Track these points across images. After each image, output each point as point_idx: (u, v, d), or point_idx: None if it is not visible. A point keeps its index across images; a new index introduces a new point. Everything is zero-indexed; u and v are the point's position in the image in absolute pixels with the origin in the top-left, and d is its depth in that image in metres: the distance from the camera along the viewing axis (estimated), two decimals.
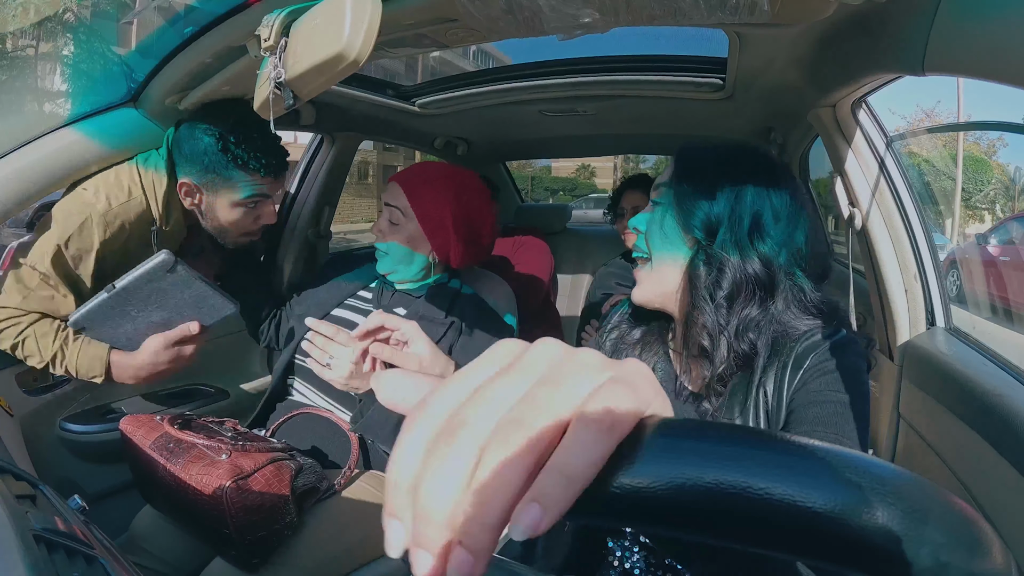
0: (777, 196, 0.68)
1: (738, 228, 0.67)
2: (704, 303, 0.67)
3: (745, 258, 0.66)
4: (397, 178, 1.15)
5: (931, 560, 0.17)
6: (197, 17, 0.84)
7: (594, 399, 0.19)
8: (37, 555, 0.36)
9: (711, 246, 0.67)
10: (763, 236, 0.67)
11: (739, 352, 0.66)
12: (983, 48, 0.55)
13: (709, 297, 0.67)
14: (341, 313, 1.18)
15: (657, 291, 0.72)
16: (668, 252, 0.70)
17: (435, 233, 1.12)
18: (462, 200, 1.13)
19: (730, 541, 0.19)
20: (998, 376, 0.84)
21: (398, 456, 0.20)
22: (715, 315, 0.67)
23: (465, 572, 0.18)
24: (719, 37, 1.00)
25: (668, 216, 0.71)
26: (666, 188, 0.72)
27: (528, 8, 0.69)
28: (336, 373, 0.95)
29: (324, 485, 0.97)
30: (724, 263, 0.66)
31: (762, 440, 0.20)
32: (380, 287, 1.21)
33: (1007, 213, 7.04)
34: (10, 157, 0.93)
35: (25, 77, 3.84)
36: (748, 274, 0.66)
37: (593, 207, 11.90)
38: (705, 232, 0.68)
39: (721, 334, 0.66)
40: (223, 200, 1.04)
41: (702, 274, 0.67)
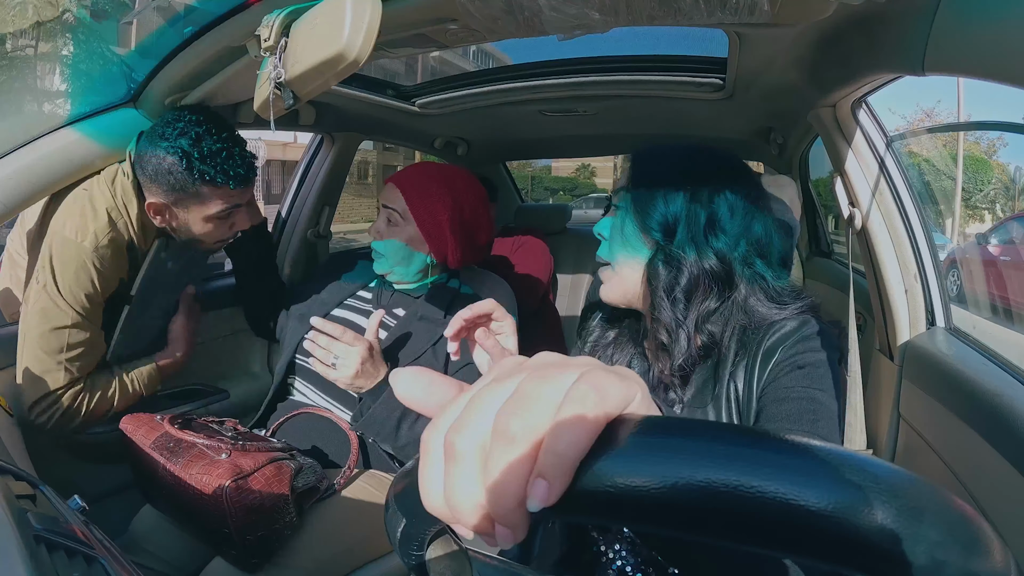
0: (732, 192, 0.70)
1: (694, 226, 0.69)
2: (662, 301, 0.69)
3: (702, 255, 0.68)
4: (394, 179, 1.15)
5: (928, 559, 0.17)
6: (197, 17, 0.84)
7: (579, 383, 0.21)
8: (37, 555, 0.36)
9: (669, 246, 0.69)
10: (717, 232, 0.69)
11: (699, 344, 0.68)
12: (983, 48, 0.54)
13: (667, 295, 0.69)
14: (341, 313, 1.18)
15: (620, 291, 0.74)
16: (628, 254, 0.72)
17: (432, 234, 1.12)
18: (459, 201, 1.14)
19: (724, 540, 0.19)
20: (998, 376, 0.84)
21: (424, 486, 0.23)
22: (672, 311, 0.69)
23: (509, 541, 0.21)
24: (719, 37, 1.00)
25: (628, 220, 0.72)
26: (624, 192, 0.74)
27: (528, 8, 0.69)
28: (341, 373, 0.96)
29: (324, 485, 0.98)
30: (682, 261, 0.68)
31: (756, 438, 0.20)
32: (379, 287, 1.21)
33: (1007, 213, 7.04)
34: (10, 157, 0.93)
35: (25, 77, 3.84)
36: (705, 269, 0.68)
37: (593, 207, 11.90)
38: (663, 233, 0.69)
39: (679, 328, 0.68)
40: (194, 215, 1.02)
41: (661, 273, 0.69)
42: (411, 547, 0.34)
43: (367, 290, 1.23)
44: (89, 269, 0.95)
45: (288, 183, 1.74)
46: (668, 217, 0.69)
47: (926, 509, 0.18)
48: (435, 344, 1.11)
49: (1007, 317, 3.90)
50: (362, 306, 1.20)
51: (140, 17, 1.02)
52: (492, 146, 2.11)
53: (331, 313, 1.19)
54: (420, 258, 1.15)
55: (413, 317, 1.14)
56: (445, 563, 0.35)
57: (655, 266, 0.70)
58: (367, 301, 1.20)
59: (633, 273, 0.72)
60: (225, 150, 0.98)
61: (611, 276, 0.75)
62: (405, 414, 1.01)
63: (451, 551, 0.36)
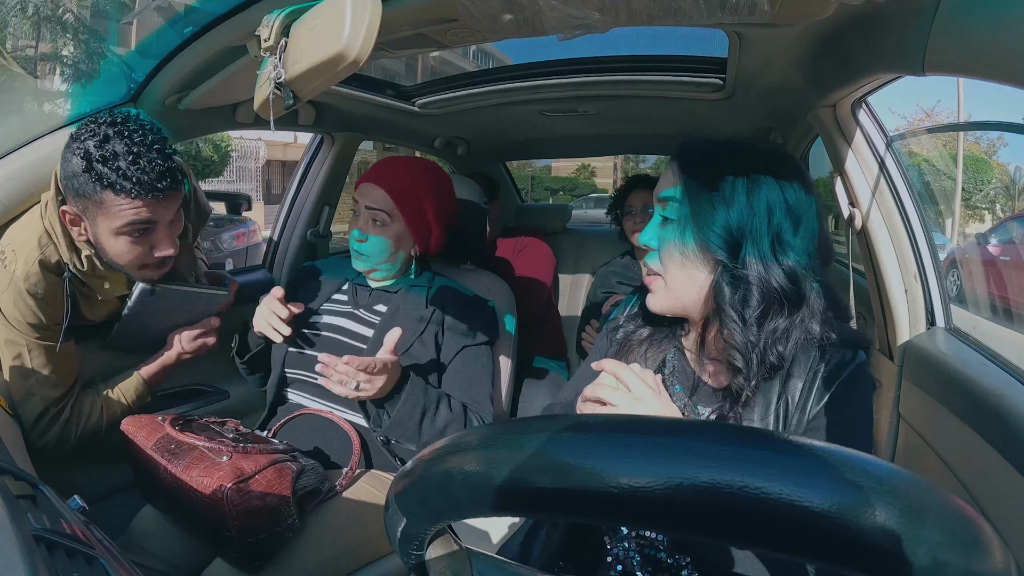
0: (791, 191, 0.66)
1: (760, 242, 0.65)
2: (733, 323, 0.65)
3: (770, 272, 0.64)
4: (374, 180, 1.13)
5: (929, 559, 0.17)
6: (197, 17, 0.84)
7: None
8: (37, 555, 0.36)
9: (736, 266, 0.65)
10: (785, 246, 0.65)
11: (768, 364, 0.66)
12: (983, 48, 0.55)
13: (739, 316, 0.65)
14: (323, 319, 1.18)
15: (670, 303, 0.71)
16: (688, 272, 0.69)
17: (419, 228, 1.14)
18: (440, 190, 1.16)
19: (728, 540, 0.19)
20: (998, 376, 0.84)
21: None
22: (745, 333, 0.65)
23: None
24: (719, 37, 1.00)
25: (687, 235, 0.68)
26: (676, 203, 0.69)
27: (528, 8, 0.69)
28: (366, 394, 0.96)
29: (326, 486, 0.97)
30: (750, 281, 0.64)
31: (761, 439, 0.20)
32: (354, 287, 1.21)
33: (1007, 213, 7.04)
34: (10, 157, 0.93)
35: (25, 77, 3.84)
36: (774, 287, 0.64)
37: (593, 207, 11.89)
38: (727, 250, 0.65)
39: (752, 351, 0.65)
40: (102, 228, 0.90)
41: (727, 293, 0.66)
42: (411, 547, 0.34)
43: (341, 292, 1.22)
44: (26, 297, 0.91)
45: (288, 183, 1.74)
46: (731, 230, 0.65)
47: (928, 510, 0.18)
48: (422, 335, 1.11)
49: (1007, 317, 3.90)
50: (341, 308, 1.19)
51: (140, 17, 1.02)
52: (492, 146, 2.12)
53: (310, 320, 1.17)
54: (403, 252, 1.16)
55: (393, 312, 1.14)
56: (445, 563, 0.35)
57: (721, 287, 0.66)
58: (344, 303, 1.20)
59: (690, 288, 0.69)
60: (132, 154, 0.86)
61: (662, 288, 0.71)
62: (427, 409, 1.01)
63: (451, 551, 0.36)
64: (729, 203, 0.65)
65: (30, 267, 0.91)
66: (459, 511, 0.30)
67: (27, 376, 0.94)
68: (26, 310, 0.92)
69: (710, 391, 0.73)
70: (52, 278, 0.93)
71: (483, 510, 0.25)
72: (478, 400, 1.10)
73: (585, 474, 0.20)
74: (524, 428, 0.27)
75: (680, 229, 0.68)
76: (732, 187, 0.66)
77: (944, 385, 0.91)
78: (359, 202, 1.14)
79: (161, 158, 0.89)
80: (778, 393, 0.67)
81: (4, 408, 0.93)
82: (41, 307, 0.93)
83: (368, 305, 1.18)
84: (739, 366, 0.66)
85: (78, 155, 0.85)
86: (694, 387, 0.74)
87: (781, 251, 0.65)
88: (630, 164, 14.52)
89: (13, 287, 0.91)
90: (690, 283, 0.69)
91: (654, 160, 13.14)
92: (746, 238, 0.65)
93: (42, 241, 0.92)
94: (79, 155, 0.85)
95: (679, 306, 0.71)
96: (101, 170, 0.85)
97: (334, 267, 1.26)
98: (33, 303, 0.92)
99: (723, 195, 0.66)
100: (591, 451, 0.22)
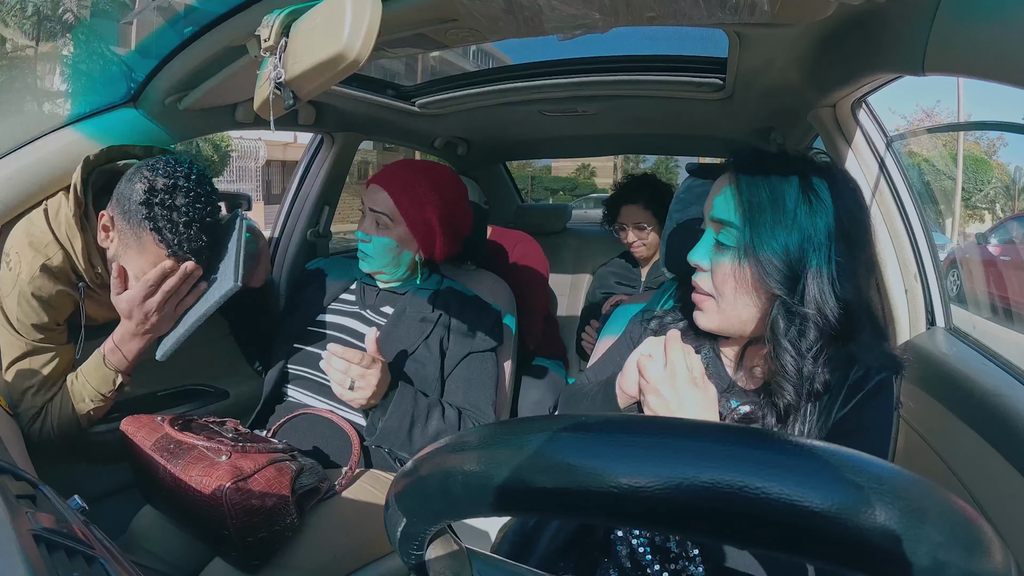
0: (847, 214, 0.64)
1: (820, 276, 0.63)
2: (788, 355, 0.65)
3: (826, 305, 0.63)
4: (379, 182, 1.14)
5: (930, 559, 0.17)
6: (197, 17, 0.84)
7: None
8: (37, 555, 0.36)
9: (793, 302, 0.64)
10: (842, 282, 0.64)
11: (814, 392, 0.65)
12: (983, 48, 0.55)
13: (793, 349, 0.64)
14: (327, 318, 1.18)
15: (727, 328, 0.71)
16: (743, 299, 0.68)
17: (422, 233, 1.13)
18: (445, 197, 1.15)
19: (728, 540, 0.19)
20: (998, 376, 0.84)
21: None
22: (798, 364, 0.64)
23: None
24: (719, 37, 1.00)
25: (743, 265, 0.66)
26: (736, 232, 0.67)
27: (528, 8, 0.69)
28: (359, 395, 0.96)
29: (325, 486, 0.97)
30: (807, 316, 0.63)
31: (761, 440, 0.20)
32: (362, 287, 1.21)
33: (1007, 213, 7.05)
34: (10, 157, 0.93)
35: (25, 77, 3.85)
36: (830, 322, 0.63)
37: (593, 207, 11.88)
38: (787, 288, 0.64)
39: (804, 383, 0.65)
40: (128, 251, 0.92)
41: (783, 326, 0.65)
42: (411, 547, 0.34)
43: (349, 292, 1.22)
44: (30, 299, 0.92)
45: (288, 183, 1.73)
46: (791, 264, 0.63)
47: (928, 510, 0.18)
48: (427, 338, 1.11)
49: (1007, 317, 3.90)
50: (348, 308, 1.19)
51: (140, 17, 1.02)
52: (492, 146, 2.12)
53: (317, 318, 1.18)
54: (408, 256, 1.16)
55: (399, 314, 1.15)
56: (445, 563, 0.35)
57: (776, 320, 0.65)
58: (352, 303, 1.20)
59: (744, 315, 0.68)
60: (188, 217, 0.90)
61: (714, 310, 0.70)
62: (416, 419, 1.01)
63: (451, 551, 0.36)
64: (790, 230, 0.64)
65: (35, 271, 0.92)
66: (459, 511, 0.30)
67: (26, 377, 0.95)
68: (30, 312, 0.93)
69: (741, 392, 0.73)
70: (56, 282, 0.94)
71: (483, 510, 0.25)
72: (479, 406, 1.10)
73: (585, 474, 0.20)
74: (524, 428, 0.27)
75: (736, 257, 0.67)
76: (793, 214, 0.64)
77: (944, 385, 0.91)
78: (365, 203, 1.15)
79: (206, 234, 0.94)
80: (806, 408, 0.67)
81: (4, 408, 0.93)
82: (45, 310, 0.94)
83: (375, 306, 1.18)
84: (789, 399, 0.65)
85: (143, 184, 0.90)
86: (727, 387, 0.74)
87: (840, 285, 0.64)
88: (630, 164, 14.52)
89: (17, 290, 0.92)
90: (744, 310, 0.68)
91: (654, 160, 13.14)
92: (805, 272, 0.64)
93: (49, 247, 0.93)
94: (144, 185, 0.89)
95: (729, 328, 0.71)
96: (156, 212, 0.89)
97: (343, 266, 1.26)
98: (37, 305, 0.93)
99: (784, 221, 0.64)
100: (591, 451, 0.22)
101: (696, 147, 2.02)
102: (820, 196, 0.64)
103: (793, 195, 0.64)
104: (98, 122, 0.99)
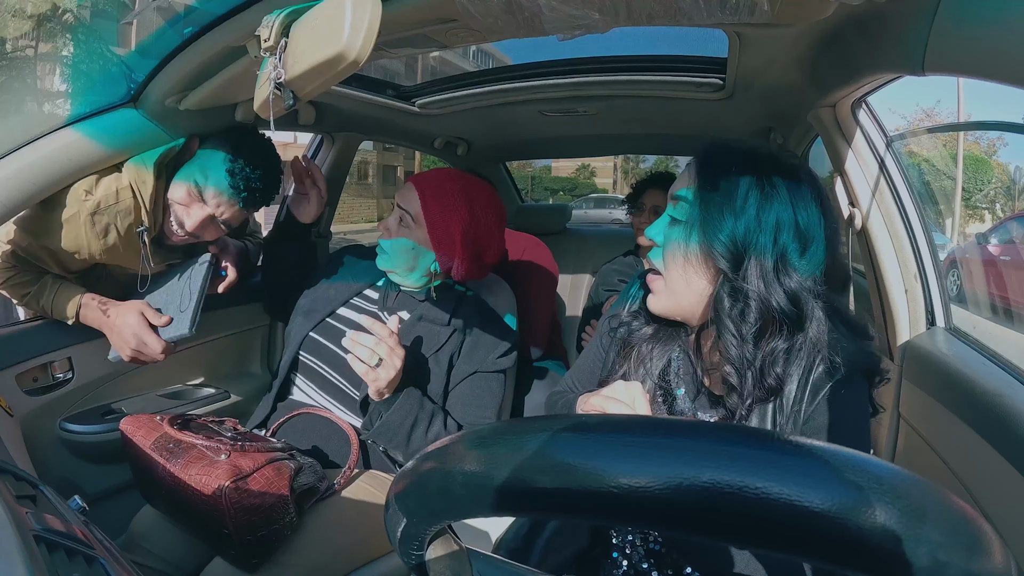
0: (805, 212, 0.65)
1: (763, 258, 0.64)
2: (730, 335, 0.65)
3: (770, 290, 0.64)
4: (415, 180, 1.13)
5: (930, 559, 0.17)
6: (197, 17, 0.84)
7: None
8: (37, 555, 0.36)
9: (737, 279, 0.64)
10: (789, 267, 0.64)
11: (764, 386, 0.65)
12: (983, 48, 0.55)
13: (736, 330, 0.65)
14: (346, 312, 1.18)
15: (670, 306, 0.71)
16: (689, 276, 0.68)
17: (442, 244, 1.10)
18: (475, 216, 1.11)
19: (728, 540, 0.19)
20: (998, 376, 0.84)
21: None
22: (740, 348, 0.65)
23: None
24: (719, 37, 1.00)
25: (692, 238, 0.67)
26: (689, 205, 0.69)
27: (528, 8, 0.69)
28: (385, 373, 0.94)
29: (324, 485, 0.97)
30: (750, 296, 0.64)
31: (760, 440, 0.20)
32: (386, 288, 1.20)
33: (1007, 213, 7.05)
34: (10, 157, 0.93)
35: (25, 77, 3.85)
36: (774, 307, 0.64)
37: (593, 207, 11.89)
38: (731, 262, 0.65)
39: (748, 369, 0.65)
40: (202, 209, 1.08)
41: (727, 306, 0.65)
42: (411, 546, 0.34)
43: (374, 289, 1.22)
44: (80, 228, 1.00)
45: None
46: (736, 241, 0.64)
47: (928, 510, 0.18)
48: (437, 351, 1.10)
49: (1007, 317, 3.90)
50: (367, 306, 1.19)
51: (140, 17, 1.02)
52: (492, 146, 2.11)
53: (336, 312, 1.18)
54: (425, 263, 1.13)
55: (416, 319, 1.13)
56: (445, 563, 0.35)
57: (721, 298, 0.65)
58: (373, 301, 1.20)
59: (690, 293, 0.69)
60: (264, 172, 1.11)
61: (663, 289, 0.71)
62: (418, 420, 1.01)
63: (451, 551, 0.36)
64: (739, 213, 0.65)
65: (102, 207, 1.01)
66: (459, 511, 0.30)
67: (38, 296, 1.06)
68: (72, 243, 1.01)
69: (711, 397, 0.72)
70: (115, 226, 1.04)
71: (483, 510, 0.25)
72: (477, 424, 1.09)
73: (586, 474, 0.20)
74: (525, 428, 0.27)
75: (687, 231, 0.68)
76: (745, 198, 0.65)
77: (944, 385, 0.91)
78: (396, 198, 1.16)
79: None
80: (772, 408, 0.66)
81: (4, 408, 0.93)
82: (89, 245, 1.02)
83: (393, 309, 1.17)
84: (733, 382, 0.66)
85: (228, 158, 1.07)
86: (697, 391, 0.73)
87: (784, 271, 0.64)
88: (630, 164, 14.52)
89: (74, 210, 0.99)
90: (690, 288, 0.68)
91: (653, 160, 13.14)
92: (749, 252, 0.64)
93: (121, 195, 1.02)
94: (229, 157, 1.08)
95: (679, 310, 0.71)
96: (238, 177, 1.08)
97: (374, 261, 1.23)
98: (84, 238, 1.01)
99: (734, 204, 0.65)
100: (592, 451, 0.22)
101: (696, 147, 2.02)
102: (776, 189, 0.65)
103: (748, 182, 0.66)
104: (98, 122, 0.99)
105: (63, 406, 1.14)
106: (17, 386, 1.06)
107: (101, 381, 1.20)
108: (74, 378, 1.15)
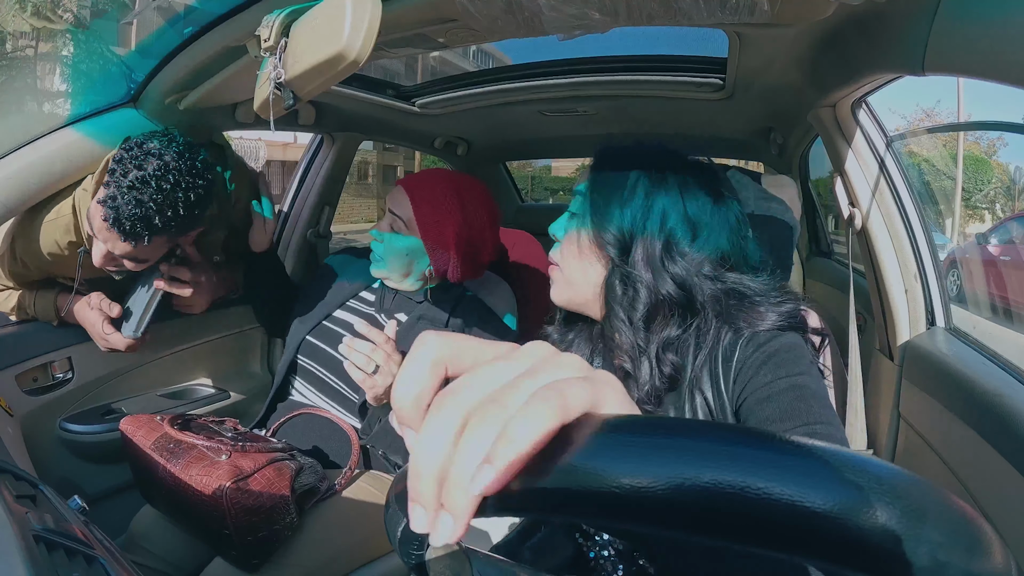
0: (695, 201, 0.67)
1: (649, 245, 0.65)
2: (620, 322, 0.66)
3: (658, 277, 0.65)
4: (404, 184, 1.12)
5: (929, 560, 0.17)
6: (197, 17, 0.84)
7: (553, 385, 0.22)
8: (37, 555, 0.36)
9: (625, 266, 0.66)
10: (675, 254, 0.65)
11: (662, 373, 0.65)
12: (983, 48, 0.55)
13: (626, 316, 0.66)
14: (342, 315, 1.18)
15: (568, 296, 0.72)
16: (583, 266, 0.69)
17: (436, 248, 1.09)
18: (468, 217, 1.10)
19: (728, 541, 0.19)
20: (998, 376, 0.84)
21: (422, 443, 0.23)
22: (632, 337, 0.65)
23: (447, 532, 0.21)
24: (719, 37, 1.00)
25: (584, 229, 0.69)
26: (583, 199, 0.70)
27: (528, 8, 0.69)
28: (382, 380, 0.92)
29: (324, 485, 0.98)
30: (639, 284, 0.65)
31: (760, 439, 0.20)
32: (383, 289, 1.19)
33: (1007, 213, 7.04)
34: (10, 157, 0.93)
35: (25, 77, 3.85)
36: (662, 293, 0.64)
37: None
38: (619, 249, 0.66)
39: (642, 355, 0.65)
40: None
41: (618, 292, 0.66)
42: (411, 546, 0.34)
43: (370, 291, 1.21)
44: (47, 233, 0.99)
45: (288, 183, 1.74)
46: (623, 230, 0.66)
47: (928, 510, 0.18)
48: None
49: (1007, 317, 3.89)
50: (364, 308, 1.19)
51: (140, 17, 1.02)
52: (492, 146, 2.11)
53: (332, 314, 1.18)
54: (420, 268, 1.12)
55: (414, 320, 1.13)
56: (445, 563, 0.35)
57: (611, 285, 0.67)
58: (369, 303, 1.19)
59: (584, 282, 0.70)
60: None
61: (560, 280, 0.72)
62: None
63: (451, 551, 0.36)
64: (625, 203, 0.66)
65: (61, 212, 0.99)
66: None
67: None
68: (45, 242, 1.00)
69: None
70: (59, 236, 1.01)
71: (483, 510, 0.25)
72: None
73: (584, 474, 0.20)
74: None
75: (580, 222, 0.70)
76: (633, 189, 0.67)
77: (944, 385, 0.91)
78: (387, 203, 1.14)
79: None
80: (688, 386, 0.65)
81: (4, 408, 0.93)
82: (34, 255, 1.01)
83: (390, 311, 1.16)
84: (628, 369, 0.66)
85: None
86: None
87: (670, 258, 0.65)
88: None
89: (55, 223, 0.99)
90: (584, 277, 0.69)
91: None
92: (636, 239, 0.65)
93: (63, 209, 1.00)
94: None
95: (577, 300, 0.72)
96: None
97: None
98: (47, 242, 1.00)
99: (622, 195, 0.67)
100: (592, 451, 0.22)
101: (696, 147, 2.02)
102: (667, 181, 0.67)
103: (637, 174, 0.68)
104: (98, 122, 0.99)
105: (63, 406, 1.14)
106: (17, 386, 1.06)
107: (101, 381, 1.20)
108: (74, 378, 1.15)
